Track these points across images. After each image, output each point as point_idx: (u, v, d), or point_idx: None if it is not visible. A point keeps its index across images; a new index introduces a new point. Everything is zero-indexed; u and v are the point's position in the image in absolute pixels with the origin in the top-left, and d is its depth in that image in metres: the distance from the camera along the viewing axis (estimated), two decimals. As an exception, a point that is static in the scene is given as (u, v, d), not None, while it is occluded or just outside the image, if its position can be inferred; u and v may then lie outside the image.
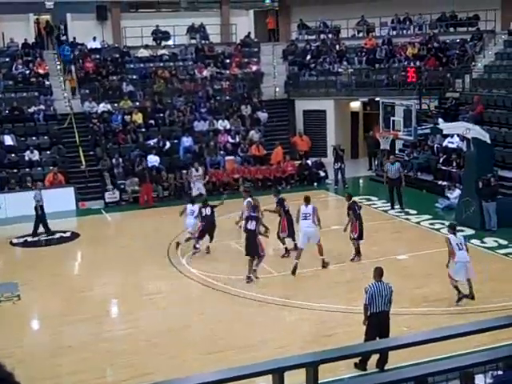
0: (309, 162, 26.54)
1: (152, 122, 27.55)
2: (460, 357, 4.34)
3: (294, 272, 15.22)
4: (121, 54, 30.83)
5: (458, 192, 20.93)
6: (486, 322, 4.97)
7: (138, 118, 27.26)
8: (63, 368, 11.40)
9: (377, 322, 10.56)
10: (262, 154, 26.71)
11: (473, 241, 17.58)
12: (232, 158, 26.32)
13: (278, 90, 31.28)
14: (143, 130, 27.16)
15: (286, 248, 16.76)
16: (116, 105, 28.02)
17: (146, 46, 31.64)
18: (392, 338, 8.15)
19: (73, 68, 29.55)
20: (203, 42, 32.80)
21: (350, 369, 10.07)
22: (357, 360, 10.32)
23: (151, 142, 26.36)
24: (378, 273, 10.86)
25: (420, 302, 13.59)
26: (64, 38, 31.61)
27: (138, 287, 15.33)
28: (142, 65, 30.72)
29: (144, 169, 24.39)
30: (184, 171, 24.71)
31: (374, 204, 22.42)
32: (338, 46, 32.32)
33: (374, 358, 10.20)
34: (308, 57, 32.16)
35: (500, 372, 5.33)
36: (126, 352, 11.89)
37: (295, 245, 16.46)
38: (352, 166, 27.78)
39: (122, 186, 24.22)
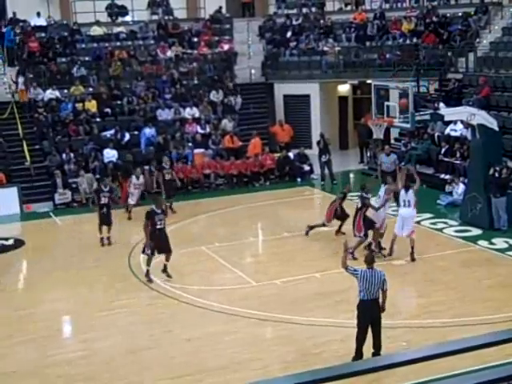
0: (290, 154, 26.52)
1: (108, 110, 27.35)
2: (467, 375, 4.29)
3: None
4: (70, 33, 30.59)
5: (462, 187, 21.03)
6: (497, 335, 4.94)
7: (92, 106, 27.05)
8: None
9: (367, 310, 11.35)
10: (236, 146, 26.65)
11: (480, 242, 17.68)
12: (202, 150, 26.22)
13: (254, 72, 31.23)
14: (98, 119, 26.95)
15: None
16: (66, 91, 27.79)
17: (100, 23, 31.40)
18: (390, 355, 8.11)
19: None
20: (166, 17, 32.67)
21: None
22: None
23: (107, 134, 26.17)
24: (369, 260, 11.66)
25: (420, 313, 13.60)
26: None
27: (92, 303, 15.14)
28: (95, 45, 30.51)
29: (128, 161, 24.29)
30: (146, 167, 24.52)
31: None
32: (322, 21, 32.35)
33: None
34: (288, 34, 32.16)
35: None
36: (79, 377, 11.72)
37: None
38: (341, 159, 27.83)
39: (74, 186, 24.00)
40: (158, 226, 15.67)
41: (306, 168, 26.39)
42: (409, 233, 16.56)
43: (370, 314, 11.36)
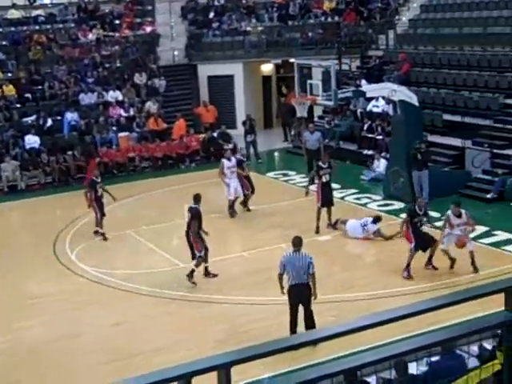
0: (215, 134, 26.37)
1: (29, 95, 26.65)
2: (391, 345, 4.31)
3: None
4: (-14, 16, 29.65)
5: (384, 162, 21.30)
6: (418, 305, 4.97)
7: (9, 90, 26.28)
8: None
9: (295, 294, 11.34)
10: (161, 129, 26.37)
11: (403, 215, 17.92)
12: (126, 134, 25.87)
13: (177, 53, 30.93)
14: (18, 105, 26.24)
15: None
16: (-18, 77, 26.96)
17: (17, 6, 30.51)
18: (318, 330, 8.15)
19: None
20: (86, -1, 31.99)
21: (269, 368, 10.02)
22: None
23: (29, 120, 25.56)
24: (296, 242, 11.51)
25: (346, 287, 13.75)
26: None
27: (18, 291, 14.83)
28: (12, 28, 29.73)
29: (91, 143, 23.91)
30: (69, 152, 24.03)
31: (291, 179, 22.55)
32: (245, 1, 32.22)
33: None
34: (211, 14, 31.94)
35: (435, 358, 5.39)
36: (5, 367, 11.47)
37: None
38: (265, 138, 27.86)
39: (-4, 174, 23.37)
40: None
41: (229, 147, 26.22)
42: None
43: (298, 298, 11.34)
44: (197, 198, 14.73)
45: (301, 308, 11.49)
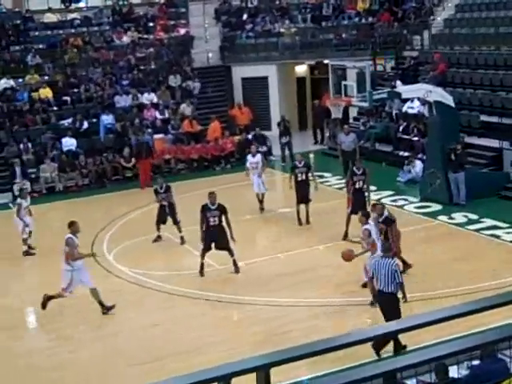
0: (249, 136, 26.46)
1: (66, 98, 27.00)
2: (431, 348, 4.33)
3: None
4: (23, 20, 30.09)
5: (420, 164, 21.20)
6: (460, 308, 4.99)
7: (47, 93, 26.64)
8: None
9: (379, 302, 10.98)
10: (196, 131, 26.53)
11: (440, 217, 17.90)
12: (162, 136, 26.04)
13: (211, 55, 31.08)
14: (55, 108, 26.60)
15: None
16: (20, 80, 27.37)
17: (53, 10, 30.93)
18: (360, 331, 8.18)
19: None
20: (121, 2, 32.30)
21: (310, 369, 10.06)
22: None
23: (65, 123, 25.88)
24: (386, 248, 11.34)
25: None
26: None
27: (56, 291, 15.00)
28: (49, 32, 30.14)
29: (142, 143, 24.16)
30: (104, 154, 24.36)
31: (327, 181, 22.52)
32: (278, 3, 32.25)
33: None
34: (244, 16, 32.04)
35: (476, 362, 5.38)
36: (48, 367, 11.67)
37: None
38: (300, 139, 27.86)
39: (33, 175, 23.71)
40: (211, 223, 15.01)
41: (263, 149, 26.31)
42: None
43: (380, 307, 10.96)
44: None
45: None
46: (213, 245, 15.05)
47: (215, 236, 15.01)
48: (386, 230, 13.62)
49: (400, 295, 10.98)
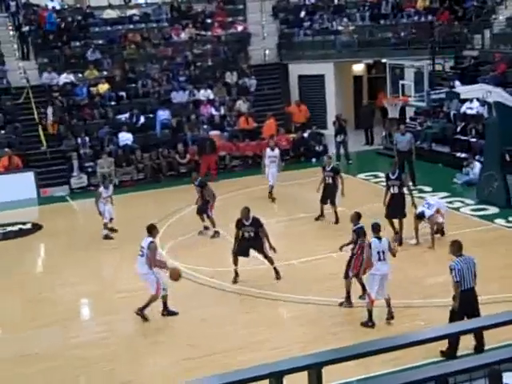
0: (305, 134, 26.45)
1: (123, 93, 27.38)
2: (486, 353, 4.30)
3: None
4: (83, 16, 30.58)
5: (478, 165, 20.92)
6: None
7: (105, 88, 27.04)
8: (30, 378, 11.39)
9: (466, 301, 10.71)
10: (251, 127, 26.61)
11: (497, 220, 17.65)
12: (217, 132, 26.19)
13: (268, 52, 31.11)
14: (113, 103, 26.99)
15: None
16: (80, 75, 27.82)
17: (113, 6, 31.37)
18: (410, 334, 8.14)
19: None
20: (180, -1, 32.56)
21: (359, 370, 10.04)
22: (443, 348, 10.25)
23: (122, 118, 26.23)
24: (457, 247, 11.07)
25: (435, 292, 13.56)
26: None
27: (110, 285, 15.30)
28: (108, 28, 30.51)
29: (205, 138, 24.70)
30: (160, 149, 24.63)
31: (381, 181, 22.32)
32: (336, 0, 32.12)
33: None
34: (302, 13, 31.97)
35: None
36: (100, 359, 11.89)
37: None
38: (356, 139, 27.72)
39: (90, 169, 24.12)
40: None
41: (320, 148, 26.30)
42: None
43: (466, 306, 10.71)
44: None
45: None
46: (250, 250, 14.86)
47: (252, 244, 14.81)
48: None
49: None
